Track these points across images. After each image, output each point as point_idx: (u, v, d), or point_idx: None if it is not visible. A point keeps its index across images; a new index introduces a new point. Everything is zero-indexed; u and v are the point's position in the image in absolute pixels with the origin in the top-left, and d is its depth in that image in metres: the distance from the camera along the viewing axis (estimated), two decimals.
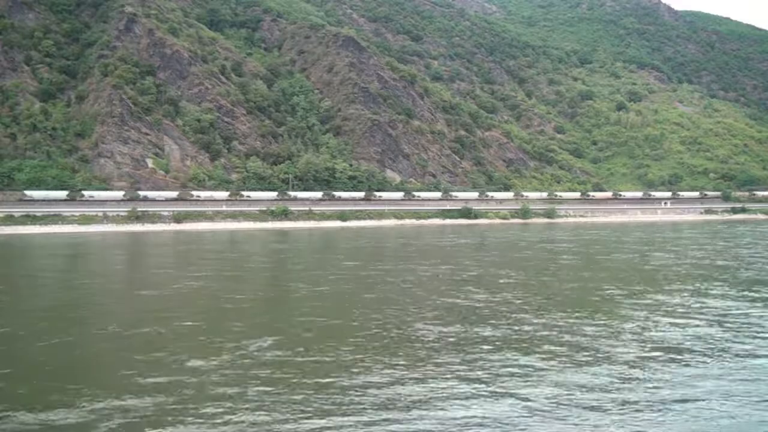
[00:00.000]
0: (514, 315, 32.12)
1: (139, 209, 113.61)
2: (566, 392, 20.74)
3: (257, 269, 54.86)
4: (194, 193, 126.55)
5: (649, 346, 26.19)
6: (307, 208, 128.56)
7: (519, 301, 35.97)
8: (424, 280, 45.22)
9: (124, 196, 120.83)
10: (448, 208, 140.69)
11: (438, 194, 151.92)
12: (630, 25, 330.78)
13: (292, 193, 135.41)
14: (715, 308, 33.93)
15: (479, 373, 22.65)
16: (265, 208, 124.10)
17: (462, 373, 22.53)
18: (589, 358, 24.42)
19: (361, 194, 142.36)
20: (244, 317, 32.10)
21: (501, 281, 44.35)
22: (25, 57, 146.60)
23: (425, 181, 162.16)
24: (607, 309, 33.86)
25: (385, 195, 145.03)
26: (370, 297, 38.32)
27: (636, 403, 19.79)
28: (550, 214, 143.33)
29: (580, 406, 19.61)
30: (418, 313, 32.50)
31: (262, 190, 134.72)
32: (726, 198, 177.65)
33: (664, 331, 28.85)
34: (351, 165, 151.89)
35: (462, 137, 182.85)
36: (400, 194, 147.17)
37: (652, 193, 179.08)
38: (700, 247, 72.04)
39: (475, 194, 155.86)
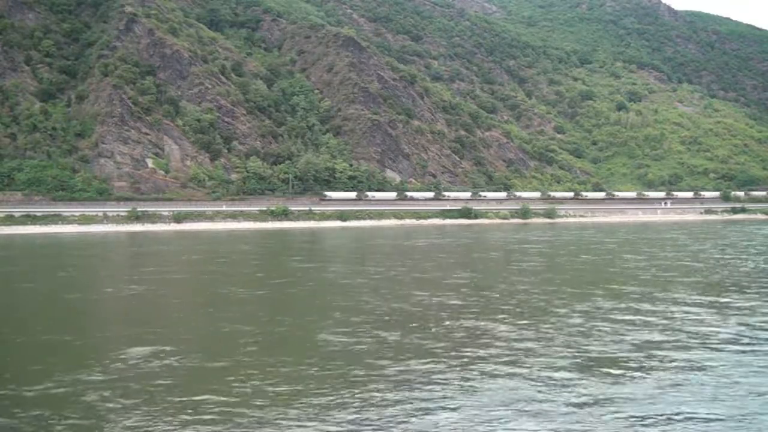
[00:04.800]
0: (444, 320, 30.22)
1: (139, 209, 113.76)
2: (471, 410, 18.32)
3: (210, 271, 52.99)
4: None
5: (581, 355, 24.08)
6: (307, 208, 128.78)
7: (457, 305, 34.03)
8: (374, 282, 43.61)
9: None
10: (447, 208, 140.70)
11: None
12: (630, 25, 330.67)
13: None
14: (666, 313, 31.82)
15: (373, 388, 20.16)
16: (265, 208, 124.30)
17: (351, 389, 20.21)
18: (511, 369, 22.32)
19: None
20: (154, 323, 30.80)
21: (451, 283, 42.90)
22: (25, 57, 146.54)
23: (425, 181, 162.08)
24: (546, 314, 31.76)
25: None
26: (305, 301, 36.89)
27: (555, 420, 17.67)
28: (550, 214, 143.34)
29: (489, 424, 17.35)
30: (340, 319, 30.62)
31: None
32: (726, 198, 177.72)
33: (600, 338, 26.62)
34: (351, 165, 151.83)
35: (462, 137, 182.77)
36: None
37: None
38: (678, 248, 70.24)
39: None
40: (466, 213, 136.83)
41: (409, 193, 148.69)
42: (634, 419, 17.89)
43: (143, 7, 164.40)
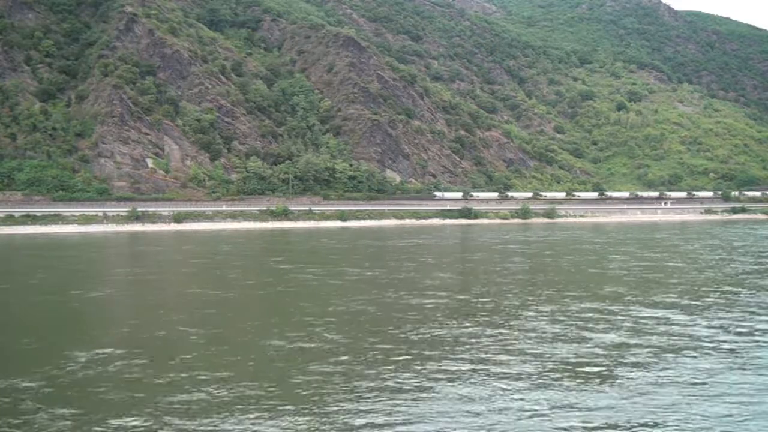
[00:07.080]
0: (408, 322, 29.45)
1: (139, 209, 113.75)
2: (420, 417, 17.60)
3: (184, 273, 52.24)
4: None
5: (545, 359, 23.14)
6: (307, 208, 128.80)
7: (427, 307, 33.32)
8: (348, 284, 43.14)
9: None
10: (448, 208, 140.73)
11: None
12: (630, 25, 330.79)
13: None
14: (637, 316, 31.05)
15: (317, 394, 19.53)
16: (265, 208, 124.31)
17: (289, 394, 19.63)
18: (465, 373, 21.15)
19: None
20: (105, 327, 30.20)
21: (428, 284, 42.52)
22: (25, 57, 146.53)
23: (425, 181, 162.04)
24: (515, 316, 30.89)
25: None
26: (271, 303, 36.35)
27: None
28: (550, 214, 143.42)
29: None
30: (300, 322, 29.78)
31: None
32: (726, 198, 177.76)
33: (567, 342, 25.77)
34: (351, 165, 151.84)
35: (462, 137, 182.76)
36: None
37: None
38: (668, 249, 69.63)
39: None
40: (465, 213, 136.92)
41: (509, 193, 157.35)
42: (596, 427, 17.27)
43: (143, 7, 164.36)
